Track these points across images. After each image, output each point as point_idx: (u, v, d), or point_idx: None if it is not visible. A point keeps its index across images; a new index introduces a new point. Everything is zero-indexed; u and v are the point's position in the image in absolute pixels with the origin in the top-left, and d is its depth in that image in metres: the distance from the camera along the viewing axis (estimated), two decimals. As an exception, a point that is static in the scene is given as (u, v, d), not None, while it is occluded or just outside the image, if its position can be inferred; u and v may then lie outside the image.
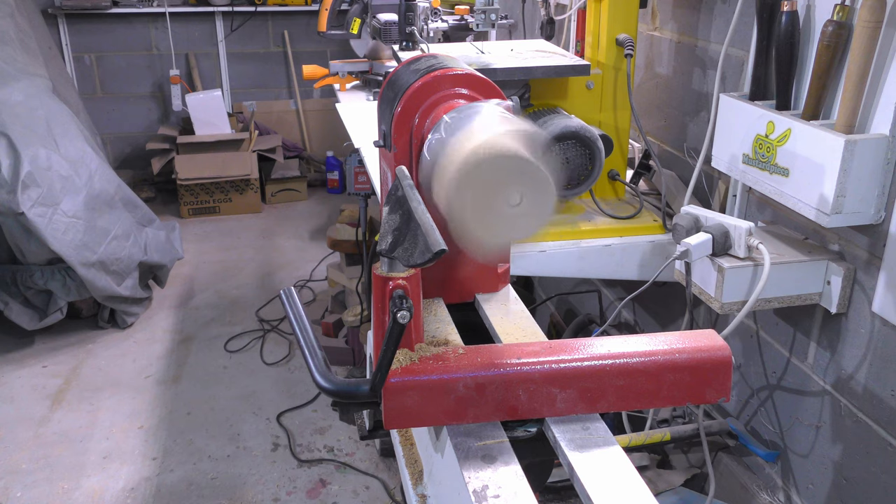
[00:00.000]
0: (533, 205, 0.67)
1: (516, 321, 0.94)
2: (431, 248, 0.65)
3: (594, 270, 1.68)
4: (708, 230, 1.39)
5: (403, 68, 0.96)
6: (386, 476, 2.47)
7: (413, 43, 2.09)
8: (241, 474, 2.50)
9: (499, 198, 0.66)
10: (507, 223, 0.67)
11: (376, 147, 0.99)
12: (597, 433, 0.75)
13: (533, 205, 0.67)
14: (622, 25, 1.69)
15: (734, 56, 1.64)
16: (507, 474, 0.70)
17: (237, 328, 3.39)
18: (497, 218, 0.67)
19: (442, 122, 0.80)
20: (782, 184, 1.35)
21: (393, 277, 0.73)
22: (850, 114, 1.24)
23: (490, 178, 0.65)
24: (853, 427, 1.41)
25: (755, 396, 1.71)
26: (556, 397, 0.75)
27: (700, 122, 1.81)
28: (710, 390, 0.78)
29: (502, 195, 0.66)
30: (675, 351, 0.77)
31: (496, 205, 0.66)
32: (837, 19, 1.25)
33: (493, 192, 0.66)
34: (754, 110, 1.41)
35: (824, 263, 1.38)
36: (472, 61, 1.63)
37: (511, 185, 0.66)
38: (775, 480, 1.66)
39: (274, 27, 4.97)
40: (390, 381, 0.72)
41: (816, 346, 1.49)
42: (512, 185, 0.66)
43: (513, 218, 0.67)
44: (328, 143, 5.13)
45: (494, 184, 0.65)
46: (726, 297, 1.38)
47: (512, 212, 0.67)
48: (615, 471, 0.70)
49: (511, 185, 0.66)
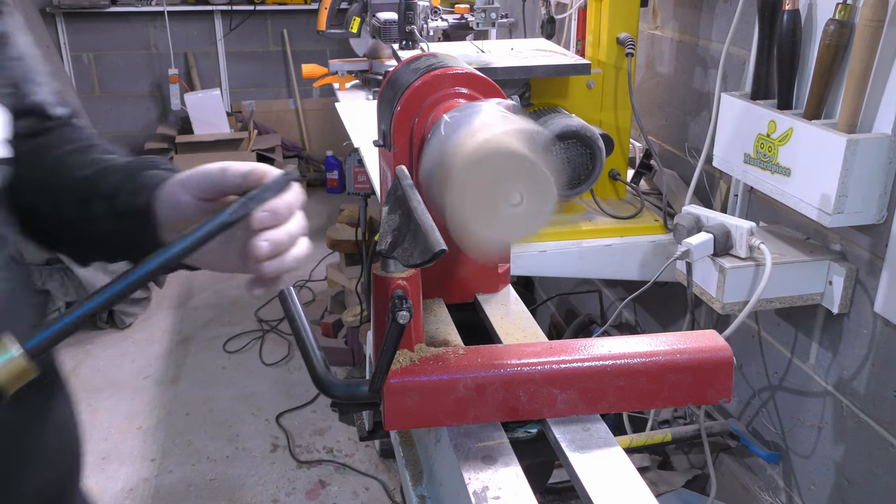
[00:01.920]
0: (533, 204, 0.66)
1: (517, 321, 0.94)
2: (431, 249, 0.65)
3: (595, 270, 1.68)
4: (709, 230, 1.39)
5: (403, 67, 0.96)
6: (385, 477, 2.47)
7: (413, 42, 2.09)
8: (240, 475, 2.50)
9: (499, 197, 0.66)
10: (507, 222, 0.67)
11: (376, 146, 0.98)
12: (597, 434, 0.75)
13: (533, 204, 0.66)
14: (623, 24, 1.69)
15: (735, 55, 1.64)
16: (507, 475, 0.70)
17: (236, 328, 3.39)
18: (497, 217, 0.67)
19: (442, 122, 0.80)
20: (784, 183, 1.35)
21: (392, 278, 0.73)
22: (852, 113, 1.24)
23: (490, 177, 0.65)
24: (855, 428, 1.41)
25: (757, 397, 1.71)
26: (557, 398, 0.75)
27: (701, 121, 1.81)
28: (712, 391, 0.78)
29: (503, 194, 0.66)
30: (677, 351, 0.77)
31: (496, 204, 0.66)
32: (839, 18, 1.25)
33: (493, 191, 0.66)
34: (756, 110, 1.41)
35: (826, 263, 1.38)
36: (473, 60, 1.63)
37: (512, 183, 0.66)
38: (777, 481, 1.66)
39: (273, 26, 4.97)
40: (390, 382, 0.72)
41: (818, 346, 1.49)
42: (513, 183, 0.66)
43: (513, 217, 0.67)
44: (327, 143, 5.13)
45: (495, 182, 0.65)
46: (727, 298, 1.38)
47: (512, 211, 0.66)
48: (616, 472, 0.70)
49: (512, 183, 0.66)
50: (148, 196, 0.71)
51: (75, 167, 0.78)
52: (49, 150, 0.82)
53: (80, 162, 0.79)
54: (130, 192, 0.72)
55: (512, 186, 0.66)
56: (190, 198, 0.68)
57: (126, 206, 0.72)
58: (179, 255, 0.61)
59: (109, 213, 0.73)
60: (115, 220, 0.73)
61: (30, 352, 0.56)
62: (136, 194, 0.72)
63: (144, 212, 0.71)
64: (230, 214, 0.62)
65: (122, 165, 0.76)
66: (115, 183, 0.74)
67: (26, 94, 0.80)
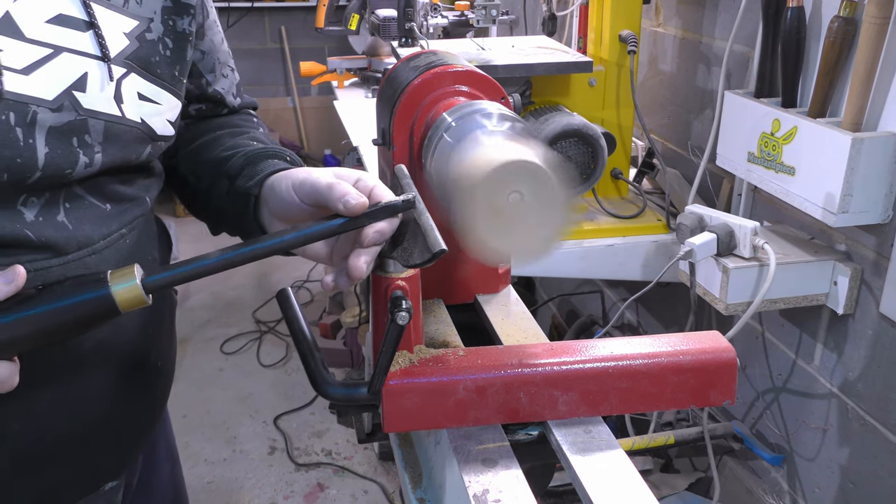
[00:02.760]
0: (546, 214, 0.66)
1: (517, 322, 0.94)
2: (431, 249, 0.65)
3: (596, 271, 1.68)
4: (712, 230, 1.39)
5: (402, 65, 0.96)
6: (385, 480, 2.47)
7: (412, 39, 2.09)
8: (237, 478, 2.50)
9: (514, 212, 0.65)
10: (524, 237, 0.67)
11: (375, 145, 0.98)
12: (599, 436, 0.75)
13: (546, 214, 0.66)
14: (625, 21, 1.69)
15: (739, 53, 1.64)
16: (507, 478, 0.70)
17: (233, 329, 3.39)
18: (515, 232, 0.66)
19: (443, 122, 0.80)
20: (788, 182, 1.35)
21: (392, 278, 0.73)
22: (857, 111, 1.24)
23: (507, 192, 0.65)
24: (860, 430, 1.41)
25: (761, 399, 1.71)
26: (558, 400, 0.75)
27: (704, 119, 1.81)
28: (715, 393, 0.78)
29: (518, 209, 0.65)
30: (679, 353, 0.77)
31: (513, 220, 0.66)
32: (844, 15, 1.25)
33: (509, 208, 0.65)
34: (760, 108, 1.41)
35: (831, 264, 1.38)
36: (473, 58, 1.63)
37: (528, 196, 0.65)
38: (781, 484, 1.66)
39: (271, 23, 4.97)
40: (389, 384, 0.72)
41: (823, 347, 1.49)
42: (529, 196, 0.65)
43: (529, 230, 0.66)
44: (326, 142, 5.13)
45: (510, 197, 0.65)
46: (731, 298, 1.38)
47: (528, 225, 0.66)
48: (618, 475, 0.70)
49: (528, 196, 0.65)
50: (260, 183, 0.81)
51: (222, 148, 0.91)
52: (211, 130, 0.97)
53: (228, 144, 0.92)
54: (248, 176, 0.83)
55: (527, 200, 0.65)
56: (298, 200, 0.76)
57: (241, 188, 0.83)
58: (293, 244, 0.69)
59: (229, 192, 0.84)
60: (231, 198, 0.84)
61: (147, 285, 0.65)
62: (251, 178, 0.82)
63: (253, 196, 0.81)
64: (344, 225, 0.69)
65: (250, 151, 0.88)
66: (239, 166, 0.85)
67: (209, 84, 0.97)
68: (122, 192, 0.81)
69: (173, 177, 0.96)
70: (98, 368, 0.80)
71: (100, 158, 0.74)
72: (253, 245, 0.69)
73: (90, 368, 0.79)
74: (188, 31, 0.84)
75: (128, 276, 0.65)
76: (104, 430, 0.83)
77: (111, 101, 0.74)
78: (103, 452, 0.85)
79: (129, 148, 0.77)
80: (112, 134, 0.75)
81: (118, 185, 0.80)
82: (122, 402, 0.85)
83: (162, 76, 0.81)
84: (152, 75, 0.79)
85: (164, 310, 0.94)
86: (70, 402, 0.78)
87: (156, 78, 0.80)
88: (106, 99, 0.74)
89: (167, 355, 0.95)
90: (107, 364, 0.81)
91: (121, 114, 0.75)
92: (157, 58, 0.80)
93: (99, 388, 0.81)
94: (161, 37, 0.81)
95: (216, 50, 0.97)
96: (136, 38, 0.78)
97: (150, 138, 0.80)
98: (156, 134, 0.80)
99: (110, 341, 0.81)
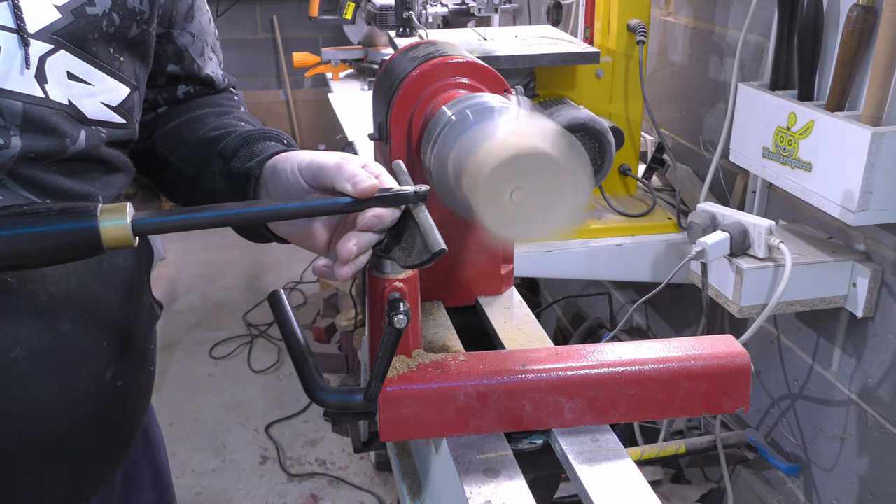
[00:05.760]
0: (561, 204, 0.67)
1: (521, 326, 0.94)
2: (430, 249, 0.65)
3: (604, 271, 1.68)
4: (725, 229, 1.40)
5: (400, 56, 0.96)
6: (381, 491, 2.48)
7: (411, 29, 2.09)
8: (226, 489, 2.50)
9: (525, 204, 0.66)
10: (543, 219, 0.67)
11: (371, 140, 0.98)
12: (607, 445, 0.75)
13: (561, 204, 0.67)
14: (634, 10, 1.69)
15: (753, 43, 1.64)
16: (511, 489, 0.70)
17: (223, 333, 3.39)
18: (527, 219, 0.67)
19: (443, 116, 0.81)
20: (805, 179, 1.35)
21: (389, 279, 0.73)
22: (877, 104, 1.24)
23: (521, 177, 0.65)
24: (881, 439, 1.41)
25: (776, 406, 1.71)
26: (564, 407, 0.75)
27: (717, 113, 1.81)
28: (728, 400, 0.78)
29: (530, 201, 0.66)
30: (691, 358, 0.77)
31: (522, 208, 0.66)
32: (863, 3, 1.25)
33: (516, 201, 0.66)
34: (775, 101, 1.41)
35: (850, 264, 1.38)
36: (474, 48, 1.63)
37: (546, 186, 0.66)
38: (797, 496, 1.66)
39: (262, 12, 4.97)
40: (386, 391, 0.72)
41: (841, 352, 1.49)
42: (546, 186, 0.66)
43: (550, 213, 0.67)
44: (320, 136, 5.13)
45: (527, 183, 0.65)
46: (745, 301, 1.38)
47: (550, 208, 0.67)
48: (626, 486, 0.70)
49: (546, 186, 0.66)
50: (259, 164, 0.81)
51: (208, 127, 0.92)
52: (195, 108, 0.97)
53: (216, 123, 0.92)
54: (245, 157, 0.84)
55: (547, 189, 0.66)
56: (303, 182, 0.76)
57: (238, 169, 0.83)
58: (294, 213, 0.70)
59: (223, 173, 0.85)
60: (226, 179, 0.84)
61: (137, 227, 0.66)
62: (249, 160, 0.83)
63: (253, 178, 0.81)
64: (350, 205, 0.70)
65: (245, 132, 0.88)
66: (234, 146, 0.86)
67: (201, 68, 0.98)
68: (67, 186, 0.77)
69: (149, 160, 0.95)
70: (34, 379, 0.75)
71: (18, 142, 0.71)
72: (252, 206, 0.70)
73: (25, 378, 0.74)
74: (139, 8, 0.81)
75: (118, 213, 0.65)
76: (53, 453, 0.79)
77: (31, 80, 0.71)
78: (53, 479, 0.81)
79: (56, 133, 0.74)
80: (33, 116, 0.72)
81: (59, 177, 0.76)
82: (71, 422, 0.80)
83: (97, 55, 0.77)
84: (88, 53, 0.76)
85: (139, 324, 0.90)
86: (8, 419, 0.74)
87: (90, 57, 0.76)
88: (25, 78, 0.71)
89: (136, 377, 0.89)
90: (45, 375, 0.76)
91: (43, 94, 0.72)
92: (96, 35, 0.76)
93: (42, 404, 0.76)
94: (108, 12, 0.77)
95: (205, 32, 0.97)
96: (72, 12, 0.74)
97: (79, 122, 0.76)
98: (86, 118, 0.77)
99: (48, 348, 0.76)
